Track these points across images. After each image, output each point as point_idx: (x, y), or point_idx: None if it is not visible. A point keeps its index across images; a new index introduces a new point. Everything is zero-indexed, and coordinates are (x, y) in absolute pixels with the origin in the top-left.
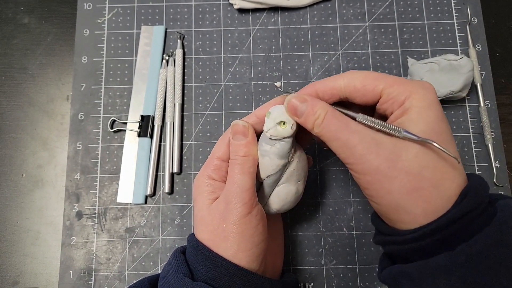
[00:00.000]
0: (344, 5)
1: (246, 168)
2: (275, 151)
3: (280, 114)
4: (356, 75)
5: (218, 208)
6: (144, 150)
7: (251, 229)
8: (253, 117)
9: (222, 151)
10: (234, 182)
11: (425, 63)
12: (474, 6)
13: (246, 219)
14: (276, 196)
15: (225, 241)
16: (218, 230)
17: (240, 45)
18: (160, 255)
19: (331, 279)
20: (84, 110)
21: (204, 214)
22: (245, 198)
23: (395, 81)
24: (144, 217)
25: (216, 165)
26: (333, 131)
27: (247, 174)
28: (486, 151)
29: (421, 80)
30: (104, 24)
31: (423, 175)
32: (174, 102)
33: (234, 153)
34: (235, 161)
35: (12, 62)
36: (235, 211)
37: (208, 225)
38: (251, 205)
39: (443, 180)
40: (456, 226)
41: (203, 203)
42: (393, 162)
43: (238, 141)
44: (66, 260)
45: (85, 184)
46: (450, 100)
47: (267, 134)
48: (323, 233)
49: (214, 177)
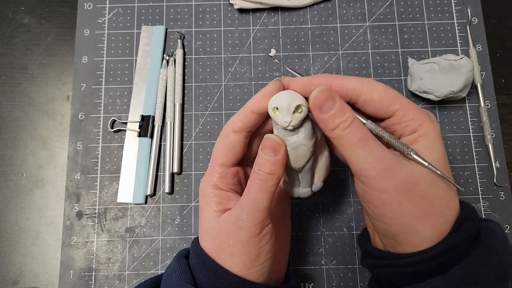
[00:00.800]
0: (344, 5)
1: (268, 186)
2: (304, 136)
3: (291, 101)
4: (376, 86)
5: (228, 222)
6: (144, 150)
7: (258, 250)
8: (250, 114)
9: (224, 157)
10: (250, 198)
11: (425, 63)
12: (474, 6)
13: (255, 239)
14: (320, 170)
15: (231, 258)
16: (224, 245)
17: (240, 45)
18: (160, 255)
19: (331, 279)
20: (84, 110)
21: (212, 225)
22: (258, 218)
23: (410, 106)
24: (144, 217)
25: (220, 173)
26: (359, 138)
27: (267, 192)
28: (486, 151)
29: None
30: (105, 24)
31: (435, 202)
32: (174, 102)
33: (259, 166)
34: (258, 175)
35: (12, 62)
36: (245, 230)
37: (214, 237)
38: (263, 226)
39: (448, 209)
40: (452, 252)
41: (210, 214)
42: (412, 185)
43: (267, 156)
44: (66, 260)
45: (85, 184)
46: (450, 100)
47: (290, 127)
48: (323, 233)
49: (220, 186)
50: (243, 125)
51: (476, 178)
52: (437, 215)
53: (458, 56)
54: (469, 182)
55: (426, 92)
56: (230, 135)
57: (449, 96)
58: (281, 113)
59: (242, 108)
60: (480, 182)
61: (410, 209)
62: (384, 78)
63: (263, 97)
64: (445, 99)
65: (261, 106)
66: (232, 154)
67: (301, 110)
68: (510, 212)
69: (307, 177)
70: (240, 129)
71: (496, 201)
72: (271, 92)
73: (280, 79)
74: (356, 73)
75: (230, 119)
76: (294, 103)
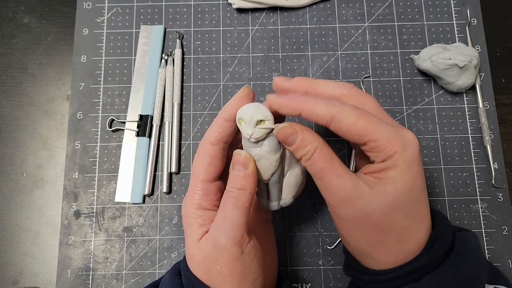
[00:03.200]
0: (343, 6)
1: (241, 202)
2: (267, 149)
3: (253, 114)
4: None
5: (208, 247)
6: (142, 150)
7: (246, 269)
8: (223, 122)
9: (205, 173)
10: (225, 216)
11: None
12: (474, 7)
13: (239, 260)
14: (287, 186)
15: (223, 283)
16: (213, 271)
17: (239, 45)
18: (157, 255)
19: (328, 279)
20: (82, 109)
21: (194, 252)
22: (237, 237)
23: (383, 135)
24: (142, 216)
25: (203, 190)
26: (317, 170)
27: (242, 209)
28: (485, 152)
29: (408, 133)
30: (103, 23)
31: (391, 232)
32: (172, 101)
33: (231, 184)
34: (230, 193)
35: (12, 62)
36: (227, 252)
37: (200, 264)
38: (244, 243)
39: (408, 236)
40: (425, 268)
41: (192, 238)
42: (367, 215)
43: (237, 171)
44: (64, 259)
45: (83, 183)
46: (460, 92)
47: (252, 140)
48: (320, 233)
49: (204, 205)
50: (219, 135)
51: (475, 179)
52: (391, 244)
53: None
54: (467, 183)
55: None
56: (209, 149)
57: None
58: (245, 125)
59: (216, 119)
60: (478, 183)
61: (364, 237)
62: (382, 79)
63: (234, 104)
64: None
65: (234, 113)
66: (212, 168)
67: (263, 123)
68: (508, 214)
69: (275, 191)
70: (217, 140)
71: (494, 203)
72: (240, 98)
73: (248, 86)
74: (355, 73)
75: (206, 133)
76: (256, 116)
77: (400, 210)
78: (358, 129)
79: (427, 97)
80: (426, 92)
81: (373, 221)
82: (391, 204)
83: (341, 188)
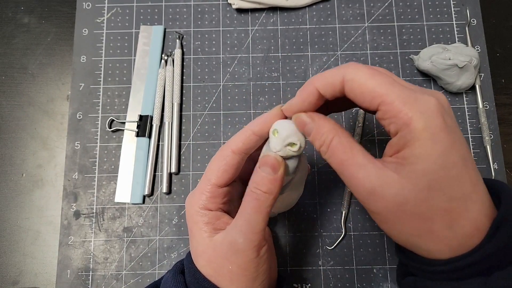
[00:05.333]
0: (343, 6)
1: (264, 206)
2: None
3: (290, 134)
4: (358, 74)
5: (223, 246)
6: (142, 150)
7: (257, 271)
8: (251, 135)
9: (219, 178)
10: (246, 219)
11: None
12: (473, 7)
13: (253, 262)
14: (280, 202)
15: (231, 283)
16: (223, 270)
17: (239, 45)
18: (157, 255)
19: (328, 280)
20: (82, 109)
21: (205, 248)
22: (255, 240)
23: (396, 98)
24: (142, 217)
25: (212, 193)
26: (338, 163)
27: (264, 213)
28: (484, 152)
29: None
30: (103, 23)
31: (435, 218)
32: (172, 102)
33: (256, 185)
34: (254, 194)
35: (12, 62)
36: (243, 254)
37: (211, 261)
38: (260, 247)
39: (458, 220)
40: (491, 258)
41: (201, 235)
42: (401, 205)
43: (265, 173)
44: (63, 259)
45: (83, 184)
46: (459, 92)
47: (278, 153)
48: (320, 233)
49: (209, 206)
50: (243, 146)
51: None
52: (440, 231)
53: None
54: None
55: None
56: (229, 156)
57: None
58: (277, 138)
59: (243, 130)
60: None
61: (406, 229)
62: None
63: (267, 121)
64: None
65: (264, 129)
66: (226, 175)
67: (295, 147)
68: None
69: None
70: (240, 150)
71: None
72: (273, 116)
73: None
74: None
75: (230, 140)
76: (291, 138)
77: (438, 190)
78: (369, 88)
79: None
80: None
81: (410, 210)
82: (425, 186)
83: (366, 180)
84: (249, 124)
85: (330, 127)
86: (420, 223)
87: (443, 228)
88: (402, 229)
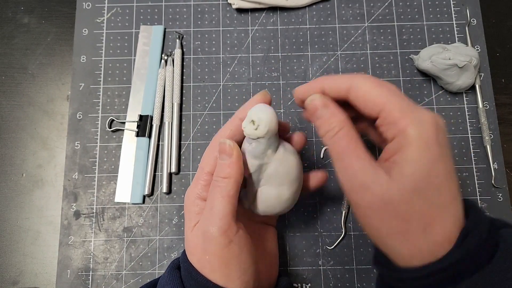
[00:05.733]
0: (343, 6)
1: (226, 191)
2: (250, 150)
3: (253, 112)
4: (365, 83)
5: (198, 236)
6: (142, 150)
7: (235, 258)
8: (237, 121)
9: (211, 165)
10: (212, 206)
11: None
12: (473, 7)
13: (227, 249)
14: (259, 197)
15: (213, 272)
16: (203, 260)
17: (239, 45)
18: (157, 255)
19: (328, 279)
20: (82, 109)
21: (188, 239)
22: (224, 225)
23: (396, 107)
24: (142, 216)
25: (206, 181)
26: (340, 150)
27: (227, 197)
28: (484, 152)
29: (426, 113)
30: (103, 23)
31: (412, 221)
32: (172, 102)
33: (217, 173)
34: (216, 182)
35: (12, 62)
36: (214, 242)
37: (193, 253)
38: (232, 232)
39: (432, 226)
40: (459, 266)
41: (187, 226)
42: (385, 204)
43: (222, 160)
44: (63, 259)
45: (83, 184)
46: (459, 92)
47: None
48: (320, 233)
49: (204, 196)
50: (231, 133)
51: (474, 180)
52: (415, 234)
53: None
54: (467, 184)
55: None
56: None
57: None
58: (245, 119)
59: (231, 119)
60: (478, 183)
61: (383, 226)
62: (382, 79)
63: (250, 106)
64: (457, 92)
65: (244, 114)
66: None
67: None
68: (508, 214)
69: (251, 191)
70: (229, 137)
71: (494, 203)
72: (257, 101)
73: (267, 90)
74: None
75: (219, 130)
76: (252, 115)
77: (420, 195)
78: (373, 96)
79: (427, 97)
80: (426, 92)
81: (392, 209)
82: (410, 189)
83: (361, 172)
84: (236, 112)
85: (343, 118)
86: (398, 223)
87: (418, 231)
88: (380, 227)
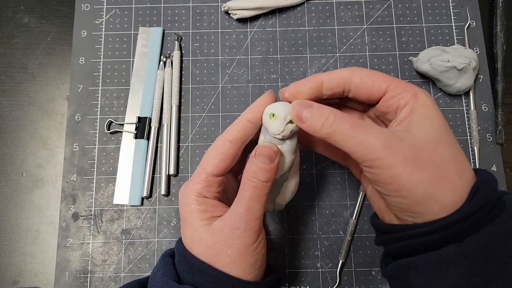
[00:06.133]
0: (342, 8)
1: (263, 194)
2: (288, 149)
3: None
4: (363, 70)
5: (223, 232)
6: (140, 152)
7: (255, 255)
8: (246, 123)
9: (215, 167)
10: (246, 207)
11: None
12: (472, 9)
13: (253, 246)
14: (287, 190)
15: (231, 266)
16: (221, 255)
17: (237, 47)
18: (156, 257)
19: (327, 282)
20: (81, 111)
21: (203, 235)
22: (255, 226)
23: (400, 81)
24: (140, 219)
25: (207, 181)
26: (347, 129)
27: (262, 201)
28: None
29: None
30: (102, 25)
31: (446, 165)
32: (171, 103)
33: (254, 174)
34: (253, 183)
35: (12, 62)
36: (244, 239)
37: (209, 248)
38: (259, 233)
39: (464, 171)
40: (467, 221)
41: (198, 223)
42: (417, 154)
43: (263, 163)
44: (62, 261)
45: (82, 186)
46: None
47: (279, 136)
48: (319, 236)
49: (205, 194)
50: (240, 135)
51: None
52: (453, 178)
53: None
54: None
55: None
56: (226, 145)
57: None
58: (276, 120)
59: (238, 119)
60: None
61: (423, 178)
62: None
63: (259, 107)
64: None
65: (258, 115)
66: (224, 164)
67: (292, 124)
68: None
69: (274, 194)
70: (237, 139)
71: None
72: (265, 102)
73: (272, 91)
74: None
75: (225, 131)
76: (289, 116)
77: (444, 144)
78: (377, 76)
79: None
80: None
81: (425, 158)
82: (434, 138)
83: (381, 136)
84: (242, 114)
85: (330, 108)
86: (436, 169)
87: (456, 175)
88: (420, 178)
